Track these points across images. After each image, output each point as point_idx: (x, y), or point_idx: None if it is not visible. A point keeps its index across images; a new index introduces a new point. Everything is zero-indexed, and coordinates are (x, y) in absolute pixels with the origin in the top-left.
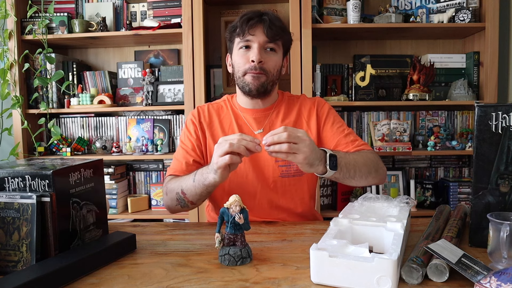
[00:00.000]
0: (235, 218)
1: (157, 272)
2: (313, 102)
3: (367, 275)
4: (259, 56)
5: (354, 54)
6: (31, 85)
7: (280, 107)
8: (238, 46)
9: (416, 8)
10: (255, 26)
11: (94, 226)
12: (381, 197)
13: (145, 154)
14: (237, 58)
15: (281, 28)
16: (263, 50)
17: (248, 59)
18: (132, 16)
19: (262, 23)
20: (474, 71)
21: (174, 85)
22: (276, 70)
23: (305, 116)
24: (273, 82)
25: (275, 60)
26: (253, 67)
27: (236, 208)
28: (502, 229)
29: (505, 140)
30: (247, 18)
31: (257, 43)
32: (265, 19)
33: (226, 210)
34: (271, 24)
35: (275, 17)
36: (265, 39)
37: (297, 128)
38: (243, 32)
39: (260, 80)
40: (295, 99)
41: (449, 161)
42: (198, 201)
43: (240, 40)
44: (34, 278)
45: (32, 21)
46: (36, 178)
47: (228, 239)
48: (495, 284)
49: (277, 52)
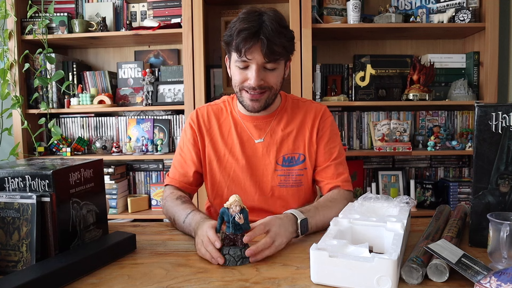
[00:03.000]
0: (235, 218)
1: (157, 272)
2: (318, 111)
3: (367, 275)
4: (257, 80)
5: (354, 54)
6: (31, 85)
7: (283, 114)
8: (235, 63)
9: (416, 8)
10: (252, 47)
11: (94, 226)
12: (381, 197)
13: (145, 154)
14: (235, 73)
15: (282, 46)
16: (262, 70)
17: (246, 78)
18: (132, 16)
19: (259, 43)
20: (474, 71)
21: (174, 85)
22: (279, 82)
23: (308, 126)
24: (276, 94)
25: (277, 76)
26: (251, 88)
27: (236, 208)
28: (502, 229)
29: (505, 140)
30: (243, 39)
31: (255, 64)
32: (262, 39)
33: (226, 210)
34: (269, 44)
35: (275, 30)
36: (263, 60)
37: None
38: (240, 52)
39: (260, 102)
40: (300, 104)
41: (449, 161)
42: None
43: (237, 59)
44: (34, 278)
45: (32, 21)
46: (36, 178)
47: (228, 239)
48: (495, 284)
49: (278, 68)
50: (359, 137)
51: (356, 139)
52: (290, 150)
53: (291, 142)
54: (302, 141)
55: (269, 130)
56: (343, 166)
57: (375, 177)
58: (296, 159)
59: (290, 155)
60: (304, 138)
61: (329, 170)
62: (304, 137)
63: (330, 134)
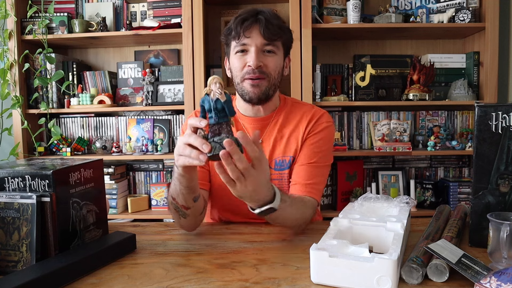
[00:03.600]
0: (217, 95)
1: (157, 272)
2: (316, 114)
3: (367, 275)
4: (256, 61)
5: (354, 54)
6: (31, 85)
7: (279, 115)
8: (234, 50)
9: (416, 8)
10: (250, 27)
11: (94, 226)
12: (381, 197)
13: (145, 154)
14: (234, 63)
15: (279, 27)
16: (261, 53)
17: (246, 63)
18: (132, 16)
19: (258, 23)
20: (474, 71)
21: (174, 85)
22: (277, 72)
23: (303, 127)
24: (275, 85)
25: (275, 61)
26: (251, 72)
27: (216, 87)
28: (502, 229)
29: (505, 140)
30: (241, 19)
31: (254, 46)
32: (260, 18)
33: (206, 97)
34: (267, 23)
35: (273, 15)
36: (262, 41)
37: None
38: (238, 34)
39: (261, 88)
40: (299, 107)
41: (449, 161)
42: (189, 204)
43: (236, 44)
44: (34, 278)
45: (32, 21)
46: (36, 178)
47: (212, 132)
48: (495, 284)
49: (276, 53)
50: (359, 137)
51: (356, 139)
52: (282, 153)
53: (284, 145)
54: (294, 144)
55: (267, 131)
56: (319, 173)
57: (375, 177)
58: (286, 162)
59: (281, 158)
60: (297, 141)
61: (302, 171)
62: (297, 139)
63: (319, 137)
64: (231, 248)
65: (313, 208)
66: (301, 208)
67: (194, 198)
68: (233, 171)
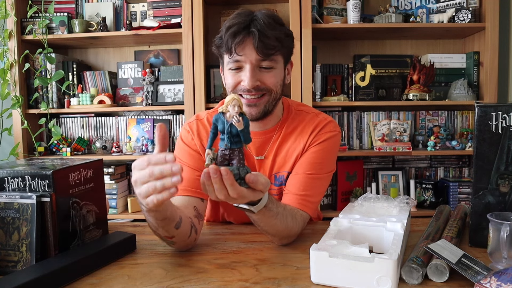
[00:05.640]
0: (233, 122)
1: (157, 272)
2: (320, 123)
3: (367, 275)
4: (252, 81)
5: (354, 54)
6: (31, 85)
7: (282, 128)
8: (227, 66)
9: (416, 8)
10: (243, 43)
11: (94, 226)
12: (381, 197)
13: (145, 154)
14: (228, 78)
15: (276, 38)
16: (257, 69)
17: (240, 80)
18: (132, 16)
19: (251, 37)
20: (474, 71)
21: (174, 85)
22: (278, 85)
23: (304, 139)
24: (277, 99)
25: (275, 76)
26: (246, 91)
27: (233, 110)
28: (502, 229)
29: (505, 140)
30: (232, 33)
31: (248, 63)
32: (253, 32)
33: (220, 116)
34: (262, 36)
35: (268, 24)
36: (257, 57)
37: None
38: (230, 51)
39: (259, 107)
40: (304, 116)
41: (449, 161)
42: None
43: (229, 60)
44: (34, 278)
45: (32, 21)
46: (36, 178)
47: (222, 156)
48: (495, 284)
49: (275, 67)
50: (359, 137)
51: (356, 139)
52: (281, 168)
53: (283, 159)
54: (293, 158)
55: (270, 146)
56: (315, 185)
57: (375, 177)
58: (284, 178)
59: (281, 173)
60: (297, 154)
61: (296, 181)
62: (297, 153)
63: (320, 148)
64: (231, 248)
65: (303, 222)
66: (289, 222)
67: (176, 226)
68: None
